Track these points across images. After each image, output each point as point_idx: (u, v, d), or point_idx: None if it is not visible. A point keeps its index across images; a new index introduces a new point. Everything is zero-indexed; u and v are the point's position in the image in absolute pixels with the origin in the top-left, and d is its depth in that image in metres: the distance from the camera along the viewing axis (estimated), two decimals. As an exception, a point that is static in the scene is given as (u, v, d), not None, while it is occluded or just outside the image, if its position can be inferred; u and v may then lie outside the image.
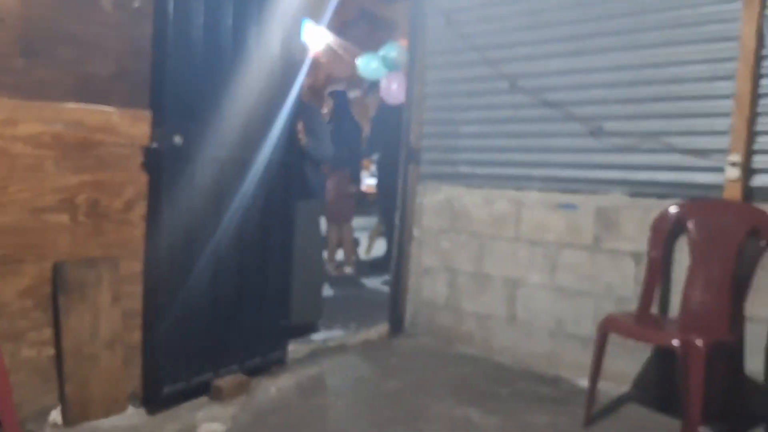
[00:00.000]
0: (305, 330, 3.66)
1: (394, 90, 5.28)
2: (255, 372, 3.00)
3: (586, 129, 3.20)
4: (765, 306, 2.63)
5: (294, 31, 3.09)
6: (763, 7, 2.63)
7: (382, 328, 3.91)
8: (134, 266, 2.58)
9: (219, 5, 2.69)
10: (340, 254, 5.92)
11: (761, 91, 2.68)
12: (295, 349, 3.34)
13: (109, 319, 2.46)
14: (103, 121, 2.44)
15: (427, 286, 3.89)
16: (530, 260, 3.43)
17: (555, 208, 3.33)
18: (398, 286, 3.97)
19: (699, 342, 2.27)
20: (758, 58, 2.66)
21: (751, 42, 2.65)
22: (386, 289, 4.30)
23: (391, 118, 5.39)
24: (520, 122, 3.48)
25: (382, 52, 5.14)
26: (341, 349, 3.57)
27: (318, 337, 3.68)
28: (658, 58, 2.96)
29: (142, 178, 2.58)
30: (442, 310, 3.82)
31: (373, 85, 5.82)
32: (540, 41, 3.37)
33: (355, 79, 6.32)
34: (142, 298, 2.61)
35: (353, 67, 5.85)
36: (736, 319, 2.53)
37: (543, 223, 3.37)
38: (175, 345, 2.63)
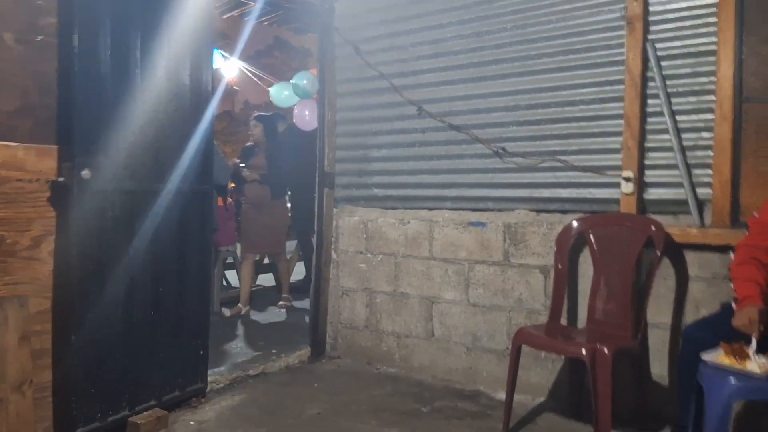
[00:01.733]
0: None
1: (306, 117, 5.31)
2: (174, 406, 2.91)
3: (490, 150, 3.35)
4: (665, 313, 2.83)
5: (204, 61, 3.06)
6: (645, 33, 2.86)
7: (303, 353, 3.89)
8: (43, 303, 2.46)
9: (126, 38, 2.64)
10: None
11: (649, 110, 2.90)
12: (215, 379, 3.27)
13: (17, 359, 2.32)
14: (7, 157, 2.34)
15: (347, 308, 3.92)
16: (444, 278, 3.52)
17: (466, 226, 3.45)
18: (318, 309, 3.97)
19: (605, 350, 2.41)
20: (644, 80, 2.88)
21: (636, 66, 2.87)
22: (305, 313, 4.27)
23: (301, 142, 5.40)
24: (429, 145, 3.60)
25: (293, 80, 5.16)
26: (262, 376, 3.51)
27: (238, 365, 3.61)
28: (553, 82, 3.15)
29: (50, 214, 2.48)
30: (362, 331, 3.84)
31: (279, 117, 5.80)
32: (442, 68, 3.51)
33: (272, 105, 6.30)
34: (52, 336, 2.49)
35: (268, 93, 5.84)
36: (639, 327, 2.70)
37: (455, 242, 3.48)
38: (88, 383, 2.52)
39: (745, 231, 2.37)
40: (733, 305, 2.18)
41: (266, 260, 6.40)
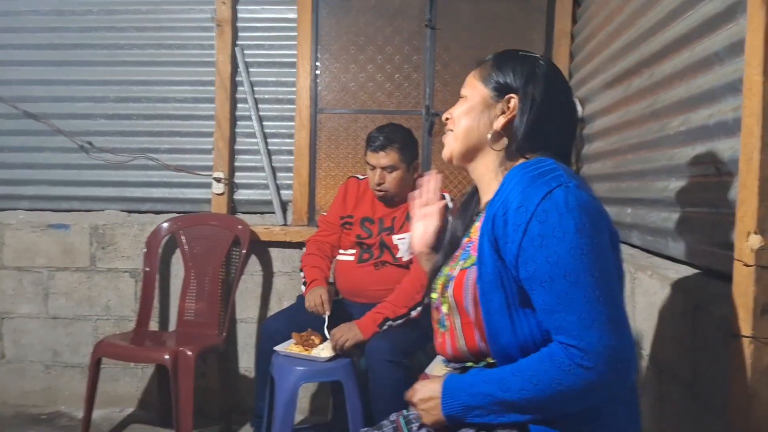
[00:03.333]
0: None
1: None
2: None
3: (75, 144, 3.02)
4: (252, 307, 2.95)
5: None
6: (235, 37, 2.94)
7: None
8: None
9: None
10: None
11: (239, 114, 2.99)
12: None
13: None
14: None
15: None
16: (18, 289, 3.03)
17: (46, 229, 3.03)
18: None
19: (187, 352, 2.37)
20: (234, 84, 2.96)
21: (225, 69, 2.92)
22: None
23: None
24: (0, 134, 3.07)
25: None
26: None
27: None
28: (145, 75, 3.01)
29: None
30: None
31: None
32: (16, 46, 3.04)
33: None
34: None
35: None
36: (226, 323, 2.74)
37: (32, 247, 3.03)
38: None
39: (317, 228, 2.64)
40: (303, 290, 2.39)
41: None
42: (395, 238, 2.39)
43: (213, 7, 2.93)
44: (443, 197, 2.32)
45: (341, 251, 2.51)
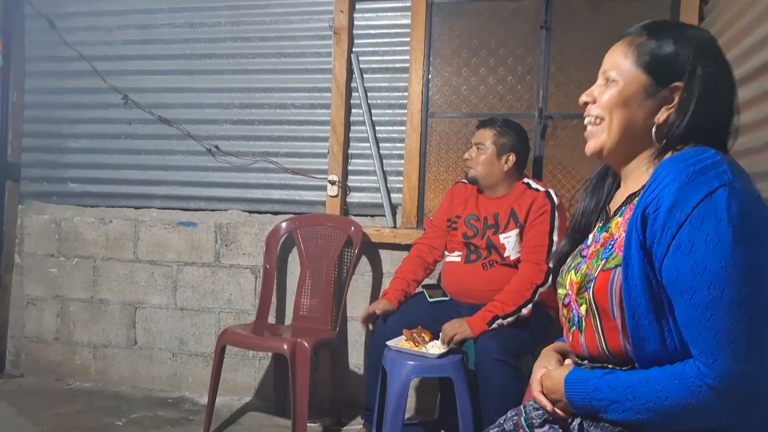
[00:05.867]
0: None
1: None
2: None
3: (203, 147, 3.24)
4: (361, 306, 3.01)
5: None
6: (351, 45, 3.05)
7: (-27, 375, 3.30)
8: None
9: None
10: None
11: (353, 119, 3.09)
12: None
13: None
14: None
15: (33, 319, 3.43)
16: (150, 281, 3.30)
17: (176, 226, 3.28)
18: (-5, 323, 3.41)
19: (304, 343, 2.48)
20: (349, 90, 3.06)
21: (342, 76, 3.03)
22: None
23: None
24: (137, 138, 3.35)
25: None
26: None
27: None
28: (266, 83, 3.18)
29: None
30: (52, 344, 3.40)
31: None
32: (153, 56, 3.31)
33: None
34: None
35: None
36: (338, 320, 2.84)
37: (163, 243, 3.28)
38: None
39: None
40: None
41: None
42: (501, 237, 2.38)
43: (331, 17, 3.05)
44: (549, 196, 2.32)
45: (448, 253, 2.53)
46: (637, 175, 1.10)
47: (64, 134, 3.43)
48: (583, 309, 1.09)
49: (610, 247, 1.08)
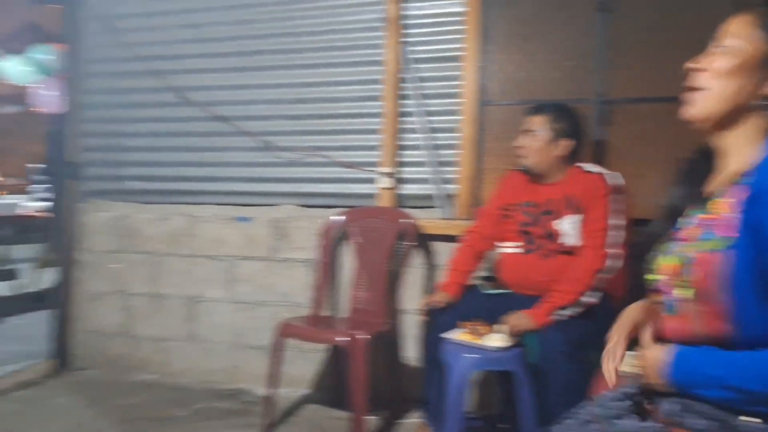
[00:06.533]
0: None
1: (51, 98, 4.69)
2: None
3: (256, 143, 3.28)
4: (414, 299, 3.00)
5: None
6: (402, 35, 3.02)
7: (44, 366, 3.41)
8: None
9: None
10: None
11: (405, 110, 3.06)
12: None
13: None
14: None
15: (97, 314, 3.54)
16: (208, 276, 3.36)
17: (231, 221, 3.33)
18: (63, 317, 3.52)
19: (362, 336, 2.48)
20: (400, 81, 3.04)
21: (394, 66, 3.01)
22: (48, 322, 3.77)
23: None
24: (192, 136, 3.41)
25: (30, 53, 4.50)
26: (-10, 395, 3.02)
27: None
28: (317, 77, 3.18)
29: None
30: (116, 338, 3.50)
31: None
32: (207, 55, 3.36)
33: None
34: None
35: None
36: (392, 313, 2.83)
37: (220, 238, 3.34)
38: None
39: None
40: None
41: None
42: (558, 223, 2.32)
43: (382, 7, 3.03)
44: (604, 178, 2.24)
45: (504, 244, 2.48)
46: (737, 150, 1.06)
47: (124, 133, 3.53)
48: (680, 293, 1.06)
49: (710, 228, 1.04)
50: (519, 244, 2.41)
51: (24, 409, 2.86)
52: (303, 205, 3.24)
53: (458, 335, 2.21)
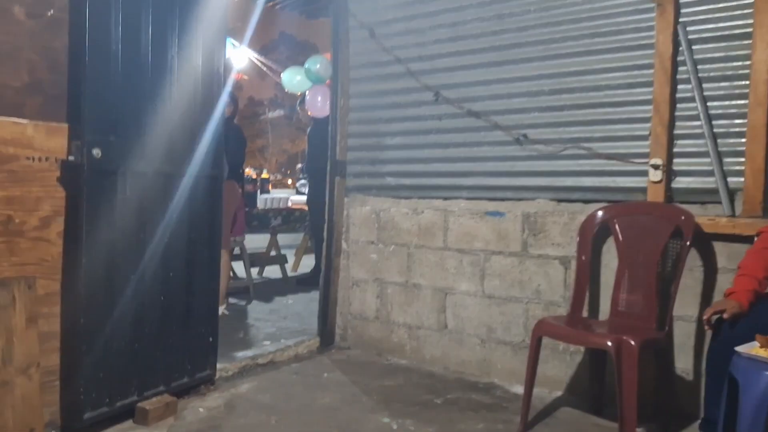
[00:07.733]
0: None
1: (319, 103, 5.21)
2: (183, 392, 2.83)
3: (510, 137, 3.24)
4: (691, 305, 2.72)
5: (217, 44, 2.96)
6: (677, 15, 2.75)
7: (312, 343, 3.79)
8: (52, 286, 2.37)
9: (137, 17, 2.54)
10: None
11: (679, 95, 2.78)
12: (224, 367, 3.17)
13: (24, 342, 2.22)
14: (16, 134, 2.26)
15: (357, 299, 3.82)
16: (459, 269, 3.42)
17: (483, 216, 3.34)
18: (327, 300, 3.87)
19: (631, 341, 2.31)
20: (674, 65, 2.77)
21: (666, 49, 2.76)
22: (314, 304, 4.17)
23: (323, 132, 5.29)
24: (445, 132, 3.49)
25: (306, 64, 5.06)
26: (271, 365, 3.42)
27: (247, 353, 3.51)
28: (578, 66, 3.04)
29: (60, 194, 2.39)
30: (373, 322, 3.75)
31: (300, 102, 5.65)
32: (461, 52, 3.41)
33: (276, 100, 6.21)
34: (61, 319, 2.40)
35: (274, 88, 5.72)
36: (665, 319, 2.59)
37: (471, 232, 3.38)
38: (96, 367, 2.42)
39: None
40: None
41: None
42: None
43: (653, -13, 2.80)
44: None
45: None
46: None
47: (382, 133, 3.74)
48: None
49: None
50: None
51: (298, 380, 3.20)
52: (558, 200, 3.13)
53: (754, 349, 1.94)
